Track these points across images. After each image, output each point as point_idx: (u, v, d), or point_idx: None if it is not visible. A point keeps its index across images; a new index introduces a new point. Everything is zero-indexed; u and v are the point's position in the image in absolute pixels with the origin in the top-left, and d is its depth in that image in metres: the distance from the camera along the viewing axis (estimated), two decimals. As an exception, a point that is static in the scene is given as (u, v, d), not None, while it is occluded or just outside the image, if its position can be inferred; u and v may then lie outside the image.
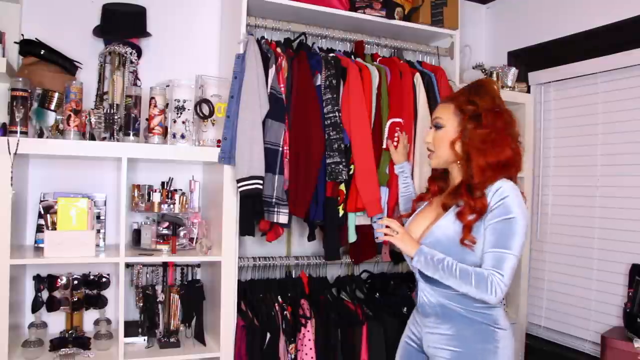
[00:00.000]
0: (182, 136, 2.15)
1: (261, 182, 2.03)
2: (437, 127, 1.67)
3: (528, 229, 1.59)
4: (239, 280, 2.21)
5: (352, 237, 2.24)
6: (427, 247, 1.58)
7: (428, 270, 1.56)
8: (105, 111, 2.08)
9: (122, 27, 2.27)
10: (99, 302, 2.21)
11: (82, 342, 2.06)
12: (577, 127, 2.72)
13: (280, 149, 2.12)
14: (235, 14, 2.24)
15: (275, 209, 2.11)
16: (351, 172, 2.19)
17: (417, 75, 2.39)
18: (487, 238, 1.51)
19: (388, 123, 2.26)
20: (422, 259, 1.57)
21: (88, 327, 2.25)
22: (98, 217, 2.21)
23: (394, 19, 2.45)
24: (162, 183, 2.30)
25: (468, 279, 1.49)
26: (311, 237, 2.29)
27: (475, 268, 1.51)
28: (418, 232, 1.68)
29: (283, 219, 2.11)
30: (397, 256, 2.49)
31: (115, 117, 2.08)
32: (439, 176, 1.78)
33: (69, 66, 2.15)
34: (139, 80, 2.26)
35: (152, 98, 2.12)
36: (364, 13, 2.39)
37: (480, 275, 1.48)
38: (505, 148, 1.56)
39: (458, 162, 1.63)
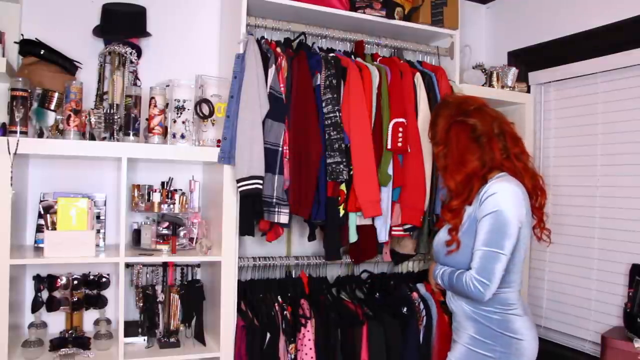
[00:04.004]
0: (182, 136, 2.15)
1: (261, 182, 2.03)
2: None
3: (520, 222, 1.60)
4: (239, 280, 2.20)
5: (353, 237, 2.24)
6: (438, 266, 1.78)
7: (443, 284, 1.74)
8: (105, 111, 2.08)
9: (122, 27, 2.27)
10: (99, 302, 2.21)
11: (82, 342, 2.06)
12: (577, 127, 2.72)
13: (280, 149, 2.11)
14: (235, 14, 2.24)
15: (276, 209, 2.11)
16: (351, 172, 2.19)
17: (418, 75, 2.39)
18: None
19: (391, 123, 2.26)
20: (439, 280, 1.76)
21: (88, 327, 2.25)
22: (98, 217, 2.21)
23: (394, 19, 2.45)
24: (162, 183, 2.30)
25: (456, 283, 1.65)
26: (311, 237, 2.29)
27: (458, 271, 1.66)
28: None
29: (283, 218, 2.11)
30: (397, 256, 2.49)
31: (115, 117, 2.08)
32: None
33: (68, 66, 2.15)
34: (139, 80, 2.27)
35: (152, 98, 2.12)
36: (364, 13, 2.39)
37: (459, 277, 1.63)
38: (469, 158, 1.66)
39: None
